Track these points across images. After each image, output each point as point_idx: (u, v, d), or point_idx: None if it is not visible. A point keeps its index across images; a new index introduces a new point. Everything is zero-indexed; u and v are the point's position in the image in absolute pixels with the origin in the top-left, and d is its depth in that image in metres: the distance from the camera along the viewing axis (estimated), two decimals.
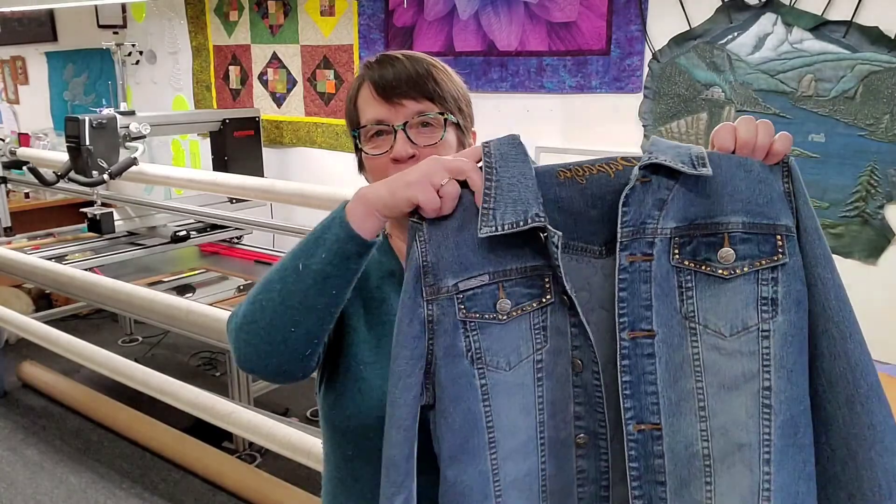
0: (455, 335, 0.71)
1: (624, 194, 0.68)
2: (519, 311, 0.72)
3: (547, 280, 0.71)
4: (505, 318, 0.71)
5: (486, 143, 0.74)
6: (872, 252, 2.04)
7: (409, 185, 0.72)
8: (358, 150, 0.96)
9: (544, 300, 0.72)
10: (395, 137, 0.89)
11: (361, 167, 0.98)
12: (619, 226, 0.68)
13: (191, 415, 2.25)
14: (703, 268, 0.68)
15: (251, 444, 2.72)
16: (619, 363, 0.68)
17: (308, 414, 2.92)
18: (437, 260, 0.71)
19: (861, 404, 0.65)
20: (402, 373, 0.72)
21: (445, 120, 0.91)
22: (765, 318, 0.66)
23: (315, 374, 0.96)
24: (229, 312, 2.16)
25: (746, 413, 0.65)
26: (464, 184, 0.73)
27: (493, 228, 0.69)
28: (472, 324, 0.71)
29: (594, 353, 0.70)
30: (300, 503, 2.32)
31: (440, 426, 0.73)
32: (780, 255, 0.67)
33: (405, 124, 0.89)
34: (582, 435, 0.72)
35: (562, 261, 0.69)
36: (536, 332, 0.72)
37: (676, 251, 0.68)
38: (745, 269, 0.67)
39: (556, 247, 0.68)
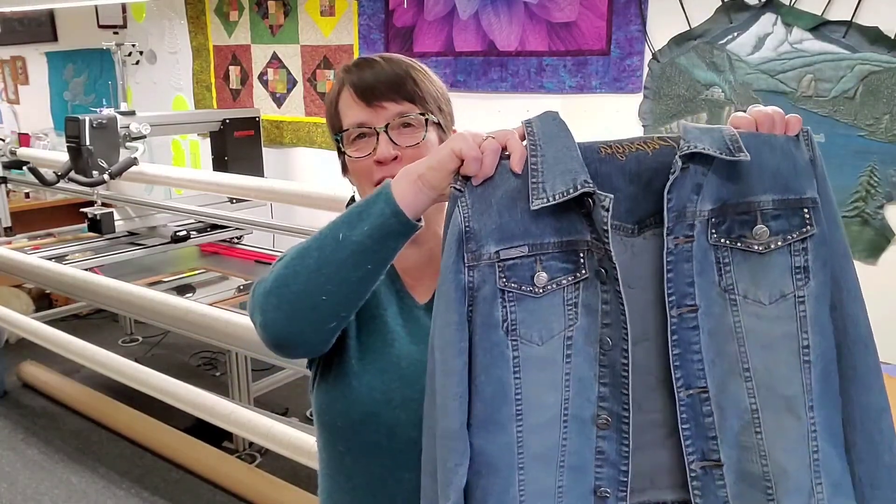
0: (493, 304, 0.72)
1: (669, 183, 0.70)
2: (554, 286, 0.73)
3: (582, 255, 0.73)
4: (540, 291, 0.72)
5: (528, 121, 0.75)
6: (872, 252, 2.04)
7: (451, 140, 0.73)
8: (341, 154, 0.97)
9: (578, 275, 0.73)
10: (377, 140, 0.90)
11: (345, 170, 0.99)
12: (665, 212, 0.71)
13: (191, 415, 2.25)
14: (739, 244, 0.73)
15: (251, 444, 2.73)
16: (669, 338, 0.71)
17: (308, 414, 2.92)
18: (479, 227, 0.72)
19: (848, 348, 0.73)
20: (452, 340, 0.72)
21: (427, 120, 0.92)
22: (799, 286, 0.72)
23: (309, 371, 0.97)
24: (229, 312, 2.15)
25: (789, 369, 0.72)
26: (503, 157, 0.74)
27: (545, 200, 0.70)
28: (510, 294, 0.72)
29: (625, 330, 0.71)
30: (300, 503, 2.32)
31: (469, 394, 0.73)
32: (809, 227, 0.72)
33: (387, 126, 0.90)
34: (604, 416, 0.73)
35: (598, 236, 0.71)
36: (569, 308, 0.73)
37: (713, 231, 0.72)
38: (779, 243, 0.72)
39: (607, 210, 0.69)
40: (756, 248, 0.72)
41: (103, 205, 2.77)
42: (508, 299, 0.72)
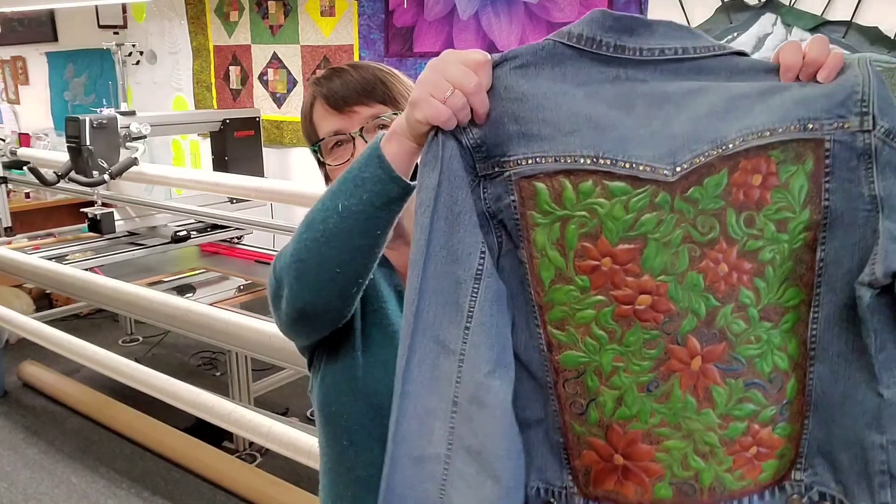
0: None
1: None
2: None
3: None
4: None
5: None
6: None
7: (412, 105, 0.69)
8: (322, 166, 0.98)
9: None
10: (354, 145, 0.91)
11: (328, 181, 1.00)
12: None
13: (191, 415, 2.25)
14: None
15: (251, 443, 2.73)
16: None
17: (308, 414, 2.92)
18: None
19: None
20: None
21: None
22: None
23: (310, 373, 0.98)
24: (229, 312, 2.15)
25: None
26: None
27: None
28: None
29: None
30: (300, 503, 2.32)
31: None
32: None
33: (361, 130, 0.91)
34: None
35: None
36: None
37: None
38: None
39: None
40: None
41: (103, 205, 2.77)
42: None
